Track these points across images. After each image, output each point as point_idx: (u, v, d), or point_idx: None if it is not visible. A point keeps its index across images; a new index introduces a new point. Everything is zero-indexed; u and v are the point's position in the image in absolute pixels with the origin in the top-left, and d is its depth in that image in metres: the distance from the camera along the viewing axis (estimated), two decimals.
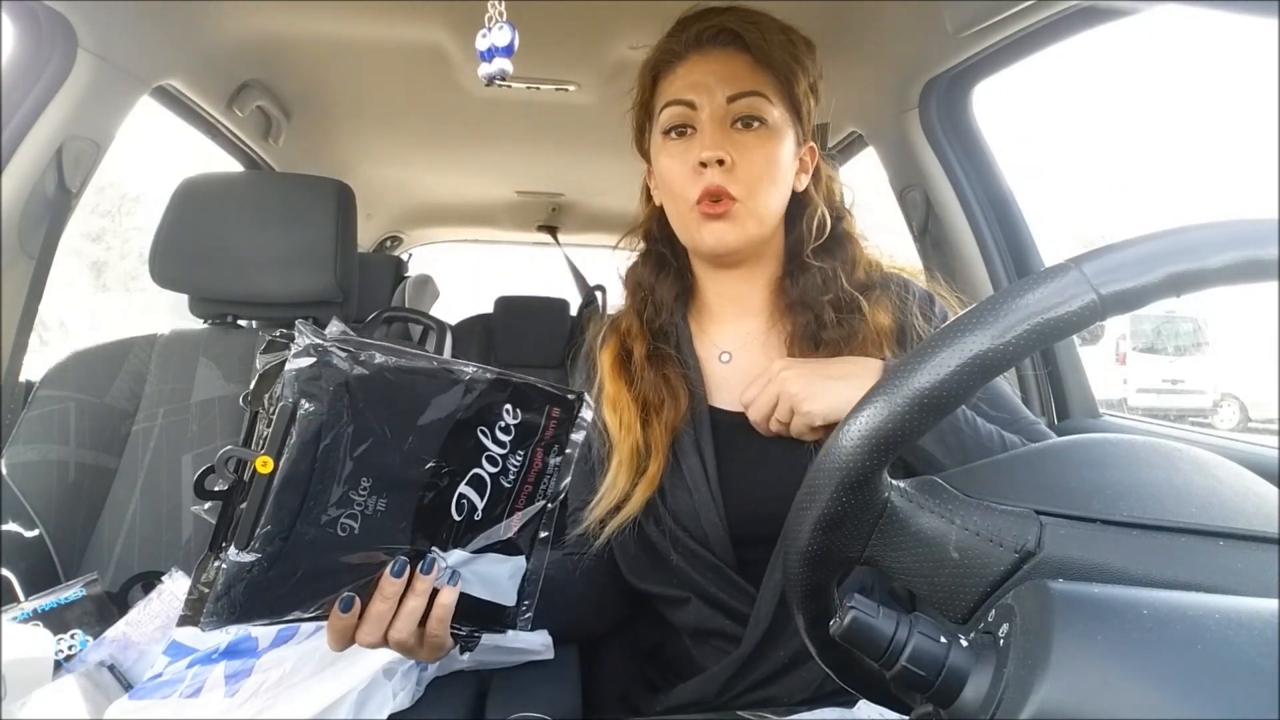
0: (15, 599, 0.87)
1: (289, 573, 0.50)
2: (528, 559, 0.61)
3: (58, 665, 0.75)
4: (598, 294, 2.53)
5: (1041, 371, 1.35)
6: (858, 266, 0.81)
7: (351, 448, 0.50)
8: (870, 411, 0.35)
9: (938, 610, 0.39)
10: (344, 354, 0.49)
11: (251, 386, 0.51)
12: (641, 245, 0.88)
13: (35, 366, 1.17)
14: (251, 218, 1.13)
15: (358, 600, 0.54)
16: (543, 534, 0.62)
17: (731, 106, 0.74)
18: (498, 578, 0.60)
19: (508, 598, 0.61)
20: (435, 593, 0.57)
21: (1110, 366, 7.12)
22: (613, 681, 0.88)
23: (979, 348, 0.33)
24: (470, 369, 0.55)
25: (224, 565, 0.48)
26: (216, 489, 0.50)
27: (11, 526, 0.96)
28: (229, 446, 0.49)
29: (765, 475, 0.75)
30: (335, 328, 0.64)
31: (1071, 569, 0.36)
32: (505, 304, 2.57)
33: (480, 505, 0.57)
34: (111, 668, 0.76)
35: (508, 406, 0.56)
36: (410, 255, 3.60)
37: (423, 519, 0.55)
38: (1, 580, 0.90)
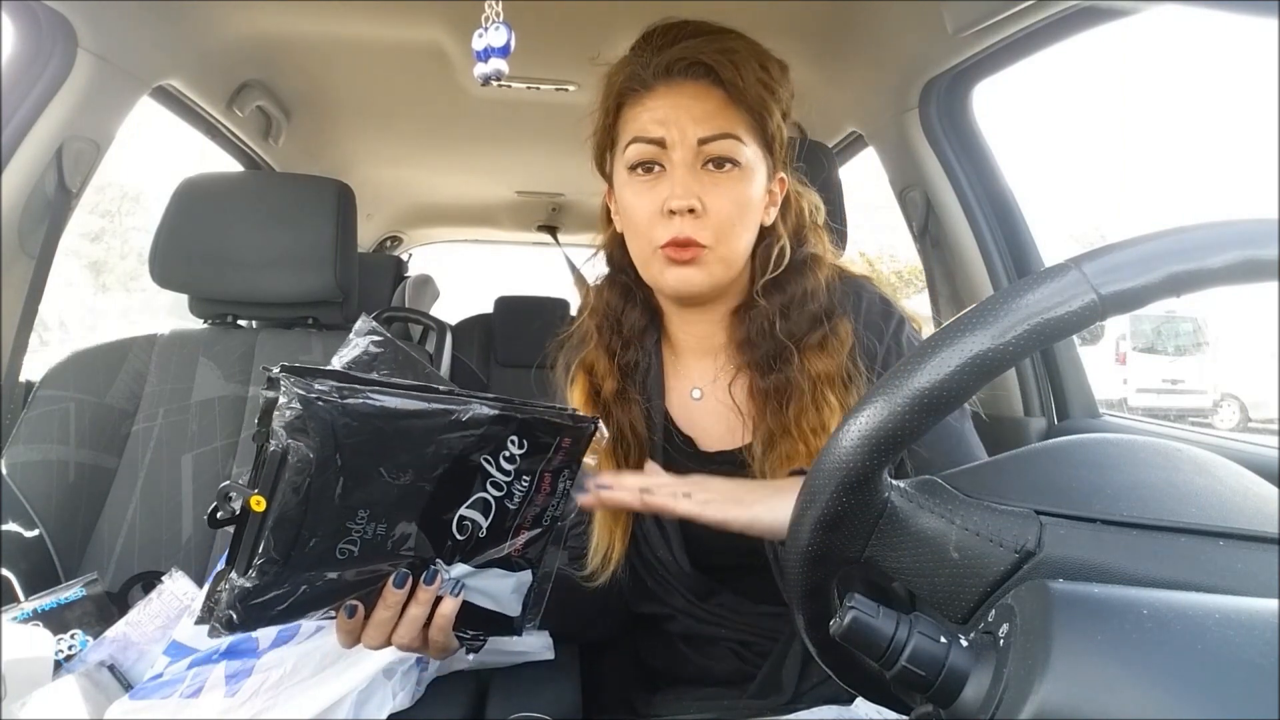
0: (15, 599, 0.87)
1: (289, 592, 0.51)
2: (534, 573, 0.62)
3: (58, 665, 0.75)
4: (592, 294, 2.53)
5: (1041, 371, 1.35)
6: (811, 298, 0.76)
7: (345, 487, 0.50)
8: (870, 411, 0.35)
9: (938, 610, 0.39)
10: (328, 403, 0.48)
11: (256, 421, 0.51)
12: (605, 271, 0.84)
13: (35, 366, 1.17)
14: (251, 218, 1.13)
15: (361, 608, 0.55)
16: (551, 546, 0.62)
17: (703, 149, 0.70)
18: (501, 591, 0.61)
19: (512, 609, 0.62)
20: (439, 600, 0.57)
21: (1110, 366, 7.12)
22: (613, 682, 0.88)
23: (979, 348, 0.33)
24: (471, 407, 0.53)
25: (227, 586, 0.49)
26: (221, 517, 0.50)
27: (11, 526, 0.96)
28: (227, 483, 0.50)
29: None
30: (364, 324, 0.63)
31: (1071, 569, 0.36)
32: (505, 304, 2.58)
33: (485, 525, 0.57)
34: (111, 668, 0.76)
35: (513, 438, 0.55)
36: (410, 255, 3.61)
37: (425, 537, 0.55)
38: (1, 580, 0.90)
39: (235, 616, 0.50)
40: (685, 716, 0.79)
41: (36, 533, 0.97)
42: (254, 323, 1.25)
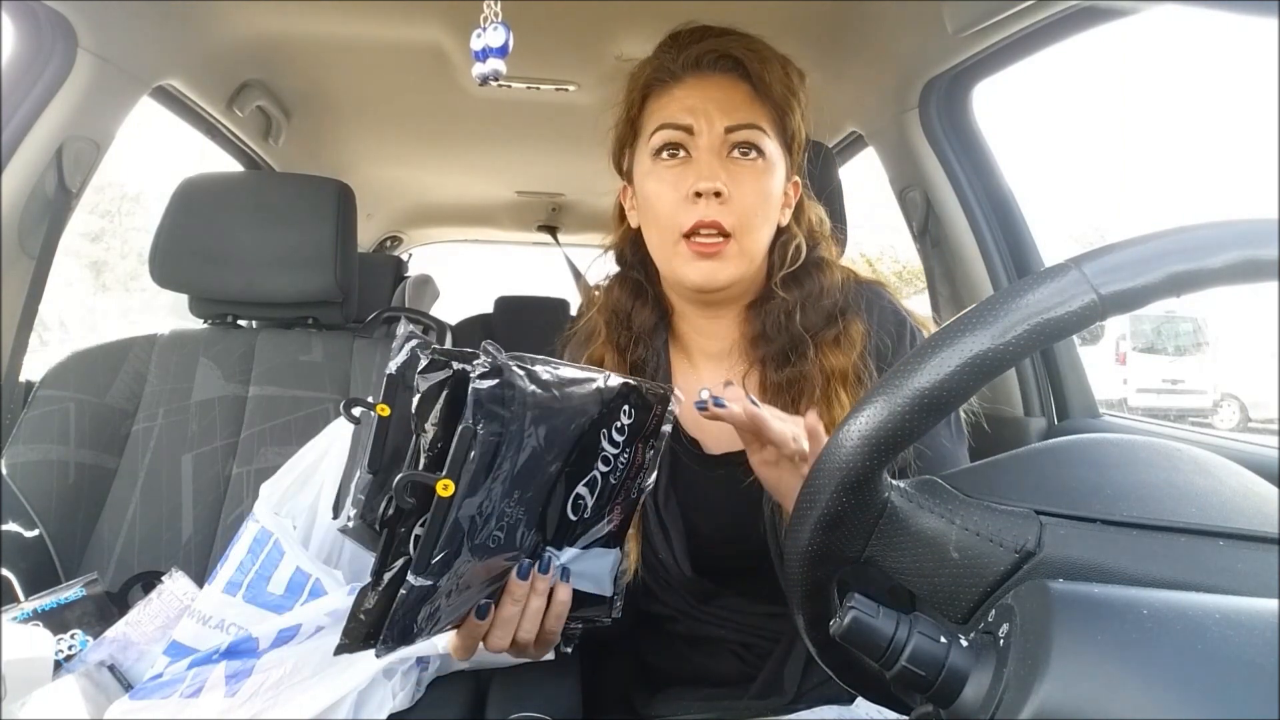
0: (15, 599, 0.87)
1: (451, 590, 0.49)
2: (621, 549, 0.63)
3: (58, 665, 0.75)
4: (597, 294, 2.53)
5: (1041, 371, 1.35)
6: (826, 295, 0.77)
7: (518, 465, 0.49)
8: (870, 411, 0.35)
9: (938, 610, 0.39)
10: (523, 373, 0.48)
11: (414, 408, 0.49)
12: (616, 269, 0.85)
13: (35, 366, 1.17)
14: (251, 218, 1.13)
15: (493, 606, 0.55)
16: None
17: (729, 137, 0.72)
18: (600, 571, 0.61)
19: (608, 589, 0.63)
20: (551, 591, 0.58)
21: (1110, 366, 7.11)
22: (613, 682, 0.88)
23: (979, 348, 0.33)
24: (600, 377, 0.55)
25: (403, 591, 0.47)
26: (404, 510, 0.48)
27: (11, 526, 0.96)
28: (406, 472, 0.47)
29: (727, 519, 0.74)
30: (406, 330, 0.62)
31: (1071, 569, 0.36)
32: (505, 304, 2.58)
33: (591, 504, 0.58)
34: (111, 668, 0.76)
35: (625, 407, 0.57)
36: (410, 255, 3.61)
37: (544, 521, 0.55)
38: (1, 580, 0.90)
39: (407, 623, 0.47)
40: (686, 716, 0.79)
41: (36, 533, 0.97)
42: (254, 323, 1.25)
